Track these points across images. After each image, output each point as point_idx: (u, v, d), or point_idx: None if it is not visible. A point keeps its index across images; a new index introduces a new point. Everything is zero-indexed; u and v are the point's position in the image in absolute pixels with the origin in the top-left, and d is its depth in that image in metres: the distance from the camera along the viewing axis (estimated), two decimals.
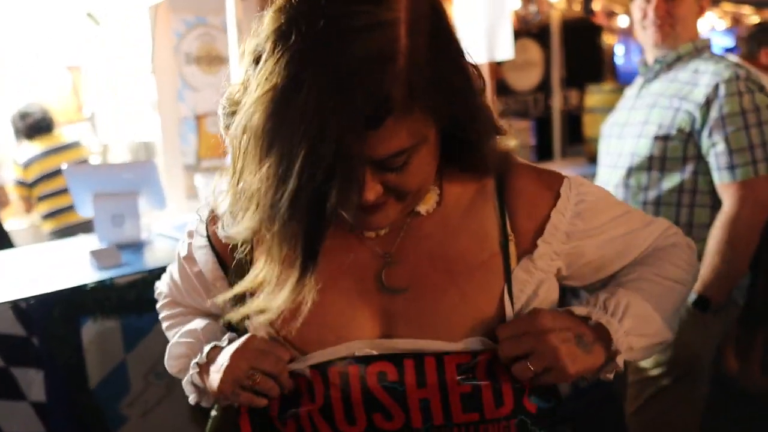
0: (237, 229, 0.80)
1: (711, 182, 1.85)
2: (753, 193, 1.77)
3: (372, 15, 0.70)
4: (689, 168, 1.85)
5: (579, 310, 0.91)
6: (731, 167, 1.78)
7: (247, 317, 0.90)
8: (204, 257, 0.99)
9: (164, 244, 2.37)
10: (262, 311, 0.80)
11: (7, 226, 3.73)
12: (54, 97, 4.37)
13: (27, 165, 3.61)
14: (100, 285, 1.91)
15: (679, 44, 1.95)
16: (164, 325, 1.15)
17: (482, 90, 0.85)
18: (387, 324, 0.90)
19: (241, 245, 0.88)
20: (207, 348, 0.99)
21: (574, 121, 4.81)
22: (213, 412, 1.10)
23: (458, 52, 0.80)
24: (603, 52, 5.51)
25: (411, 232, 0.91)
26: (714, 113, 1.78)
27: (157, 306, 1.17)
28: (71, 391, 1.87)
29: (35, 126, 3.63)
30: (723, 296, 1.84)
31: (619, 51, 5.71)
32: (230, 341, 0.98)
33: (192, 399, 1.02)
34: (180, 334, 1.06)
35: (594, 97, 4.42)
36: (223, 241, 0.88)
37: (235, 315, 0.84)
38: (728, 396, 2.74)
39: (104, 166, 2.66)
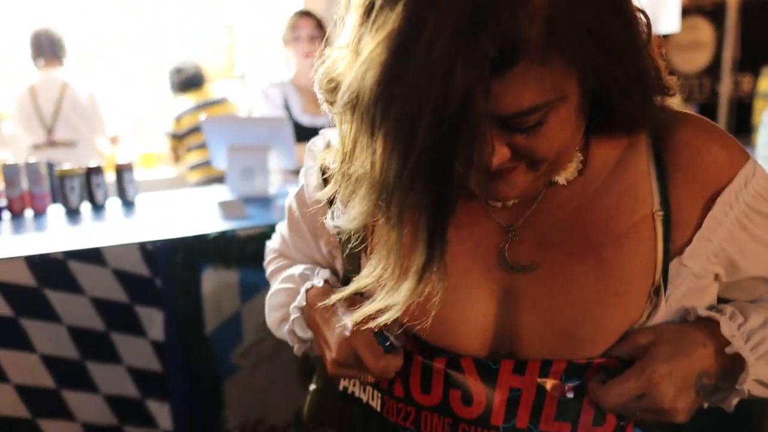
0: (348, 215, 0.67)
1: None
2: None
3: None
4: None
5: (726, 326, 0.75)
6: None
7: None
8: (316, 198, 0.90)
9: None
10: (382, 311, 0.68)
11: (156, 175, 3.98)
12: (209, 54, 4.57)
13: (179, 118, 3.81)
14: (222, 235, 1.95)
15: None
16: (268, 275, 1.12)
17: (647, 43, 0.68)
18: (507, 310, 0.78)
19: (354, 235, 0.75)
20: (303, 289, 0.93)
21: (744, 109, 4.34)
22: (312, 386, 1.06)
23: None
24: None
25: (544, 204, 0.78)
26: None
27: (265, 263, 1.14)
28: (187, 334, 1.94)
29: (188, 81, 3.82)
30: None
31: None
32: (326, 281, 0.92)
33: (297, 349, 0.98)
34: (279, 281, 1.01)
35: None
36: (331, 227, 0.77)
37: (353, 317, 0.73)
38: None
39: (240, 119, 2.72)
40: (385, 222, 0.63)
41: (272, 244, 1.13)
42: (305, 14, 3.05)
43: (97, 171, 2.25)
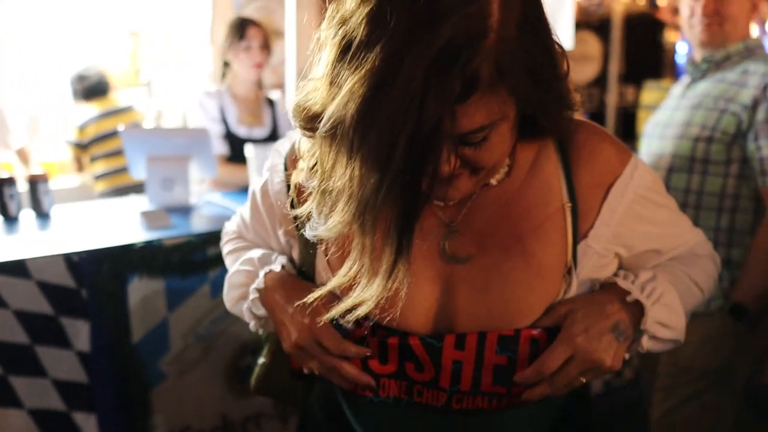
0: (327, 225, 0.78)
1: (755, 188, 1.79)
2: None
3: None
4: (732, 172, 1.80)
5: (622, 282, 0.93)
6: None
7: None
8: (278, 194, 1.02)
9: (212, 211, 2.42)
10: (357, 305, 0.79)
11: (57, 185, 3.85)
12: (113, 61, 4.47)
13: (83, 127, 3.70)
14: (148, 245, 1.97)
15: (729, 44, 1.88)
16: (225, 254, 1.21)
17: (567, 74, 0.83)
18: (447, 293, 0.91)
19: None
20: (263, 273, 1.04)
21: (628, 118, 4.71)
22: (260, 359, 1.15)
23: (547, 33, 0.79)
24: (664, 49, 5.37)
25: (478, 201, 0.92)
26: (761, 115, 1.72)
27: (222, 243, 1.24)
28: (114, 344, 1.94)
29: (92, 89, 3.71)
30: (760, 304, 1.79)
31: (681, 49, 5.55)
32: (283, 266, 1.04)
33: (252, 326, 1.08)
34: (239, 263, 1.10)
35: (651, 93, 4.33)
36: (311, 239, 0.87)
37: (331, 313, 0.83)
38: (760, 413, 2.69)
39: (159, 129, 2.72)
40: (360, 229, 0.74)
41: (230, 226, 1.22)
42: (255, 24, 2.97)
43: (9, 182, 2.20)
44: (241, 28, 2.90)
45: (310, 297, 0.85)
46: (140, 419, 2.03)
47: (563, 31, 3.14)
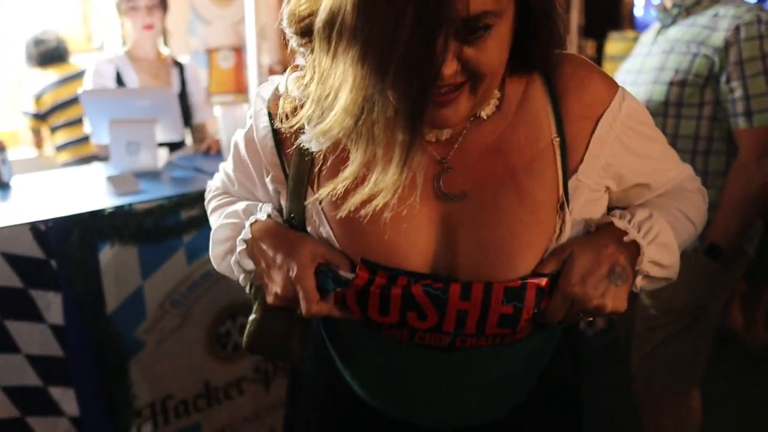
0: (328, 119, 0.73)
1: (728, 129, 1.81)
2: None
3: None
4: (706, 114, 1.81)
5: (619, 222, 0.91)
6: (748, 113, 1.73)
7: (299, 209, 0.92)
8: (264, 139, 0.97)
9: (182, 173, 2.34)
10: (373, 196, 0.76)
11: (16, 155, 3.68)
12: (64, 25, 4.26)
13: (39, 96, 3.49)
14: (119, 210, 1.89)
15: None
16: (210, 212, 1.15)
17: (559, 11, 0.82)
18: (445, 232, 0.89)
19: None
20: (248, 223, 0.99)
21: None
22: (252, 316, 1.11)
23: None
24: (623, 3, 5.37)
25: (469, 137, 0.89)
26: (733, 57, 1.72)
27: (206, 201, 1.18)
28: (88, 315, 1.87)
29: (49, 54, 3.50)
30: (734, 245, 1.82)
31: (638, 1, 5.56)
32: (269, 215, 0.99)
33: (242, 280, 1.02)
34: (224, 216, 1.05)
35: (616, 45, 4.33)
36: (306, 146, 0.81)
37: (344, 209, 0.79)
38: (729, 351, 2.77)
39: (121, 91, 2.57)
40: (368, 116, 0.71)
41: (214, 183, 1.17)
42: None
43: None
44: None
45: (337, 183, 0.79)
46: (120, 390, 1.97)
47: None
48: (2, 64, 4.23)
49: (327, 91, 0.73)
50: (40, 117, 3.55)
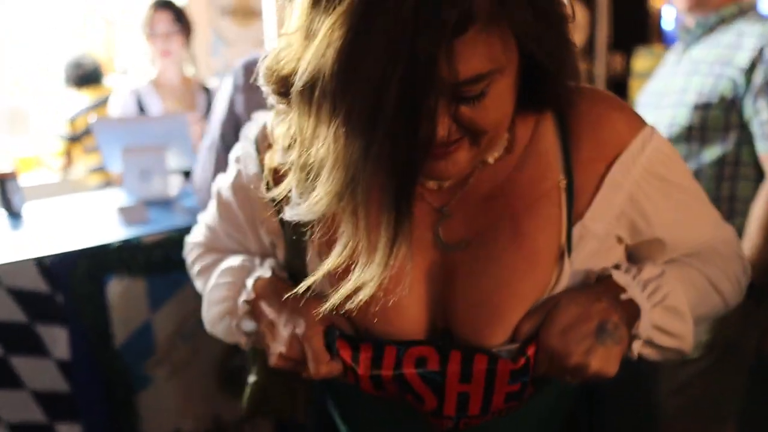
0: (310, 201, 0.66)
1: (755, 153, 1.70)
2: None
3: None
4: (731, 138, 1.70)
5: (618, 277, 0.81)
6: None
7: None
8: (255, 183, 0.88)
9: (193, 202, 2.30)
10: (358, 289, 0.68)
11: (39, 180, 3.69)
12: (89, 49, 4.30)
13: (74, 119, 3.48)
14: (126, 244, 1.86)
15: (721, 7, 1.78)
16: (196, 277, 1.06)
17: (571, 22, 0.73)
18: (444, 282, 0.81)
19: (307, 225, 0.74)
20: (251, 281, 0.91)
21: (619, 87, 4.60)
22: (251, 378, 1.04)
23: None
24: (651, 16, 5.25)
25: (475, 182, 0.82)
26: (758, 78, 1.62)
27: (188, 262, 1.09)
28: (96, 349, 1.84)
29: (87, 76, 3.52)
30: (765, 279, 1.69)
31: (666, 14, 5.43)
32: (273, 271, 0.91)
33: (244, 344, 0.95)
34: (217, 275, 0.97)
35: (643, 60, 4.22)
36: (289, 219, 0.74)
37: (329, 303, 0.71)
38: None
39: (133, 119, 2.56)
40: (351, 199, 0.63)
41: (195, 239, 1.08)
42: (162, 6, 2.74)
43: None
44: (149, 12, 2.71)
45: (300, 287, 0.73)
46: (128, 426, 1.93)
47: None
48: (34, 90, 4.27)
49: (310, 160, 0.66)
50: (75, 139, 3.54)
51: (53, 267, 1.73)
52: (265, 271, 0.92)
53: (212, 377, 2.08)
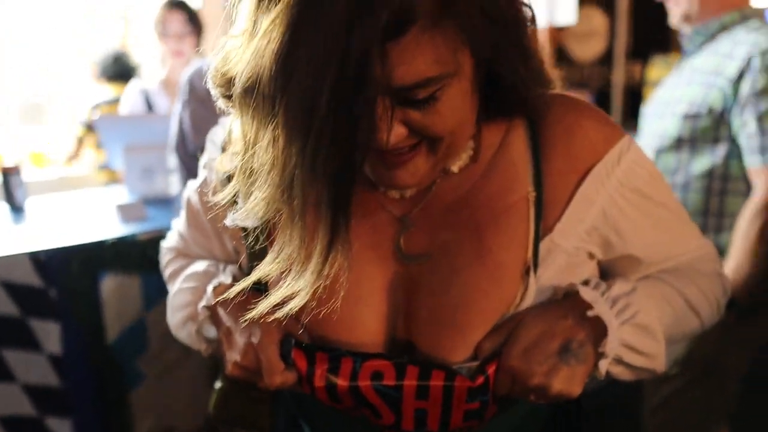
0: (247, 206, 0.65)
1: (744, 167, 1.64)
2: None
3: None
4: (720, 151, 1.65)
5: (585, 293, 0.78)
6: (763, 150, 1.56)
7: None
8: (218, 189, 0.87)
9: None
10: (291, 297, 0.67)
11: (50, 175, 3.71)
12: (103, 46, 4.34)
13: (97, 106, 3.47)
14: (121, 241, 1.86)
15: (722, 13, 1.72)
16: (167, 278, 1.05)
17: (531, 28, 0.70)
18: (405, 296, 0.79)
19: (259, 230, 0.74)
20: (211, 287, 0.89)
21: (636, 96, 4.55)
22: (217, 384, 1.03)
23: None
24: (669, 24, 5.18)
25: (438, 192, 0.79)
26: (746, 89, 1.57)
27: (162, 266, 1.08)
28: (88, 344, 1.84)
29: (122, 71, 3.52)
30: (748, 295, 1.64)
31: None
32: (234, 278, 0.89)
33: (204, 350, 0.93)
34: (182, 280, 0.96)
35: (658, 69, 4.16)
36: (229, 225, 0.74)
37: (259, 308, 0.70)
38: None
39: (137, 117, 2.59)
40: (286, 205, 0.62)
41: (169, 243, 1.07)
42: (175, 6, 2.76)
43: None
44: (161, 12, 2.74)
45: (231, 291, 0.72)
46: (119, 422, 1.94)
47: (566, 4, 3.00)
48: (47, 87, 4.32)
49: (253, 164, 0.65)
50: (92, 127, 3.55)
51: (48, 262, 1.74)
52: (226, 278, 0.90)
53: (206, 375, 2.08)
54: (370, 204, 0.80)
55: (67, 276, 1.78)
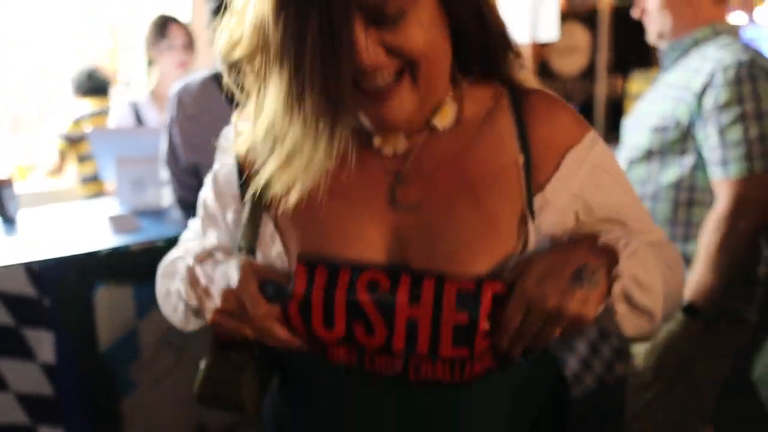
0: (258, 121, 0.80)
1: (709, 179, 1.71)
2: (747, 192, 1.61)
3: None
4: (688, 163, 1.72)
5: (591, 233, 0.87)
6: (724, 163, 1.63)
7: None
8: (228, 175, 0.97)
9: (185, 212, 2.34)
10: (294, 182, 0.80)
11: (35, 188, 3.71)
12: (91, 59, 4.36)
13: (78, 121, 3.47)
14: (115, 252, 1.89)
15: (694, 29, 1.79)
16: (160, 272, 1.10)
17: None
18: (398, 243, 0.86)
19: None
20: (193, 253, 0.96)
21: (618, 109, 4.65)
22: (202, 363, 1.06)
23: None
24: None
25: (427, 149, 0.88)
26: (708, 103, 1.63)
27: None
28: (81, 353, 1.87)
29: (96, 87, 3.58)
30: (712, 304, 1.69)
31: None
32: (215, 244, 0.98)
33: (180, 313, 0.99)
34: (172, 254, 1.05)
35: (638, 83, 4.26)
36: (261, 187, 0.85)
37: (272, 189, 0.83)
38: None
39: (129, 130, 2.62)
40: (297, 102, 0.75)
41: (172, 254, 1.11)
42: (178, 22, 2.87)
43: None
44: (163, 26, 2.81)
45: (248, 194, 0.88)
46: (111, 430, 1.96)
47: (549, 21, 3.07)
48: (31, 97, 4.33)
49: (265, 100, 0.79)
50: (74, 141, 3.55)
51: (41, 272, 1.77)
52: (209, 242, 0.98)
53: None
54: (364, 162, 0.88)
55: (61, 286, 1.81)
